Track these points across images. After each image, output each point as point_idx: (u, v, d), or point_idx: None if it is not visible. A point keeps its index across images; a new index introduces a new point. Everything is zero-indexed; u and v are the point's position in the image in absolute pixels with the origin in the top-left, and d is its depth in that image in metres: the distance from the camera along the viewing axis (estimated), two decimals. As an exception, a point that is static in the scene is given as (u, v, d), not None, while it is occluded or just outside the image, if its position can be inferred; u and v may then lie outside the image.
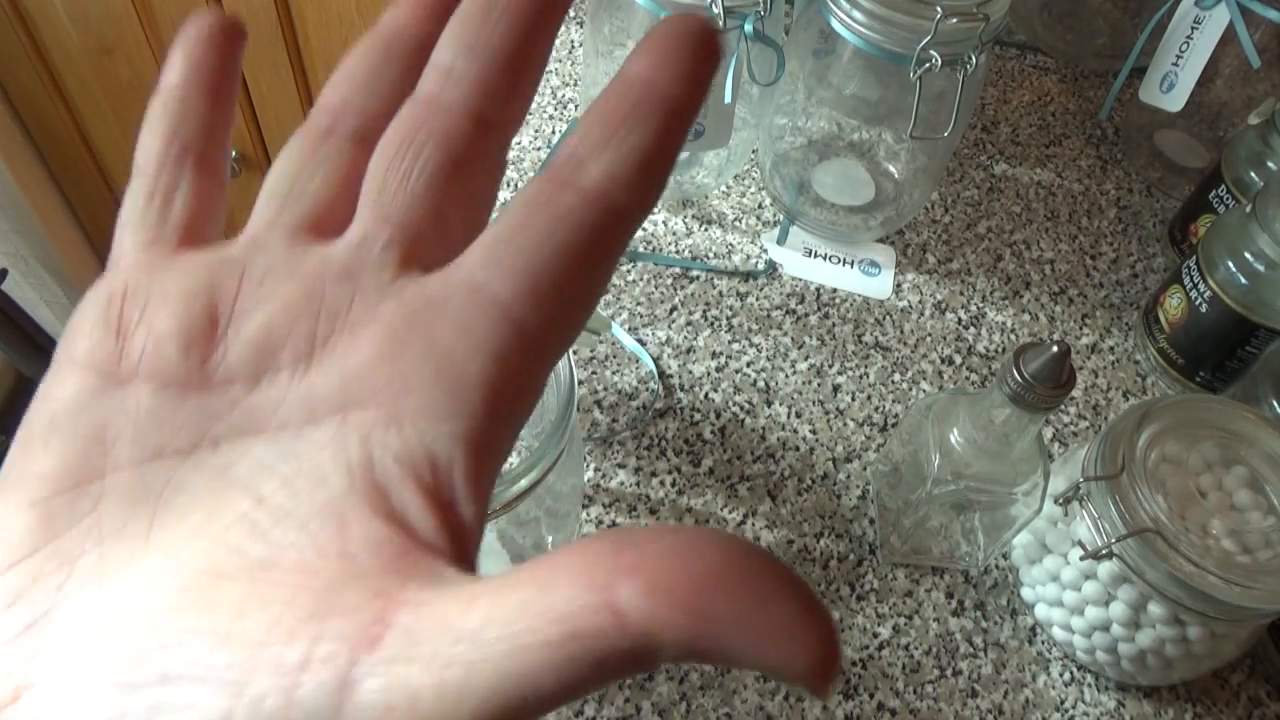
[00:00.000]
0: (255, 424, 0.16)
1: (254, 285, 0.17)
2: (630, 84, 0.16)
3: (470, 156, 0.17)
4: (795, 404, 0.57)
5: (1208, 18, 0.63)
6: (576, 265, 0.16)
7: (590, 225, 0.16)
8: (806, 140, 0.68)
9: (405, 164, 0.17)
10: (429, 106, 0.17)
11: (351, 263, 0.17)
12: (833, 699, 0.48)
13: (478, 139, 0.17)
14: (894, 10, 0.51)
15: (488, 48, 0.17)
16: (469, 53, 0.17)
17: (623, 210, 0.16)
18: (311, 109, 0.19)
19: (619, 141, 0.16)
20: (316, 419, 0.15)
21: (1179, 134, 0.73)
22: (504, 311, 0.15)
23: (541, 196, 0.16)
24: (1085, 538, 0.45)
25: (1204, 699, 0.50)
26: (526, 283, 0.15)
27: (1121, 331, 0.64)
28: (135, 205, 0.18)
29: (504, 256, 0.16)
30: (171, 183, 0.18)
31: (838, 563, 0.52)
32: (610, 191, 0.16)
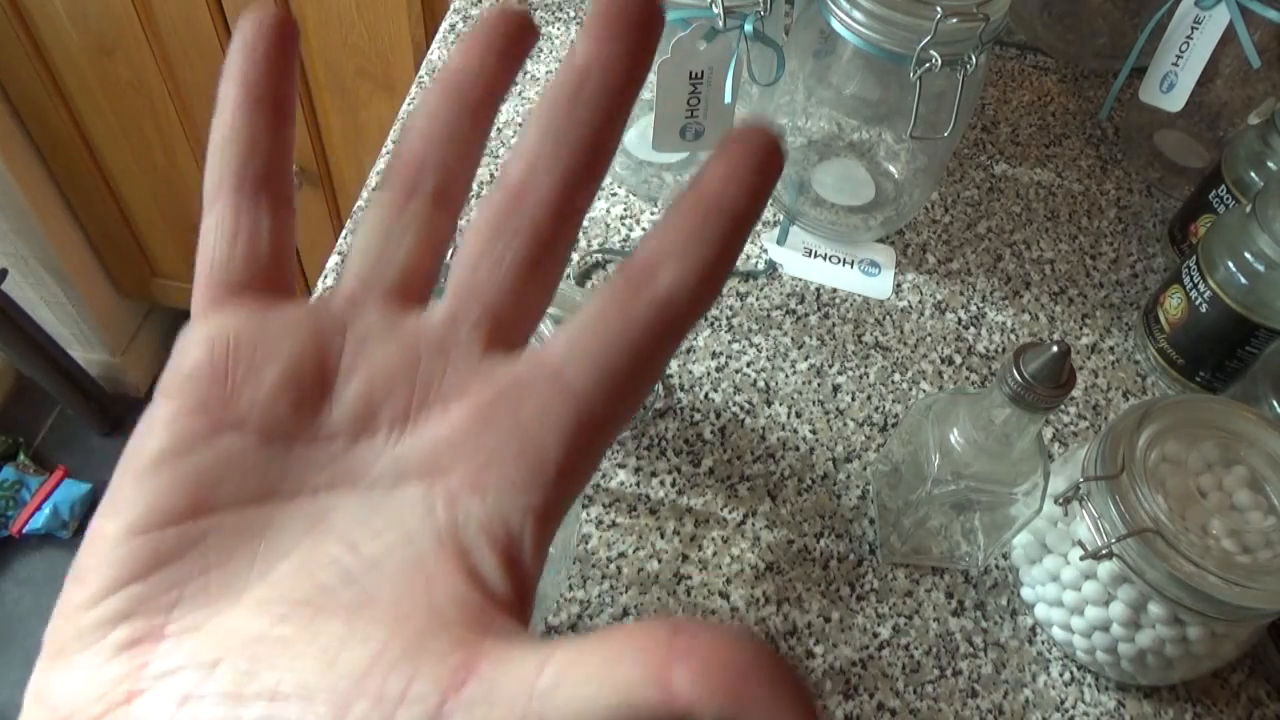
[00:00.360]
0: (351, 478, 0.18)
1: (356, 346, 0.19)
2: (702, 195, 0.18)
3: (553, 244, 0.19)
4: (795, 404, 0.57)
5: (1208, 18, 0.63)
6: (642, 363, 0.18)
7: (657, 329, 0.18)
8: (806, 140, 0.68)
9: (497, 253, 0.19)
10: (519, 198, 0.19)
11: (444, 338, 0.19)
12: (833, 699, 0.48)
13: (561, 226, 0.19)
14: (894, 10, 0.51)
15: (572, 137, 0.19)
16: (555, 143, 0.19)
17: (686, 315, 0.18)
18: (391, 158, 0.20)
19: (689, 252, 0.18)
20: (406, 480, 0.17)
21: (1179, 134, 0.73)
22: (578, 400, 0.17)
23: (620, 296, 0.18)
24: (1085, 538, 0.45)
25: (1204, 699, 0.50)
26: (600, 376, 0.18)
27: (1121, 331, 0.64)
28: (220, 245, 0.19)
29: (583, 350, 0.18)
30: (253, 221, 0.19)
31: (838, 563, 0.52)
32: (677, 299, 0.18)
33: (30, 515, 1.46)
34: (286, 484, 0.18)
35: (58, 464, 1.52)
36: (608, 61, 0.19)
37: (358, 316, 0.19)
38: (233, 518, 0.17)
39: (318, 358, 0.18)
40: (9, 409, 1.61)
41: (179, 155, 1.26)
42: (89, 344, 1.55)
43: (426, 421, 0.18)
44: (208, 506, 0.17)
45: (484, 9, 0.75)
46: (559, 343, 0.18)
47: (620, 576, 0.50)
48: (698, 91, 0.56)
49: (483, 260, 0.19)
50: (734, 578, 0.51)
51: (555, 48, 0.74)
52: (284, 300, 0.19)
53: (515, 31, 0.21)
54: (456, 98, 0.20)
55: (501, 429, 0.17)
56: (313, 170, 1.23)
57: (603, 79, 0.19)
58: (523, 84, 0.72)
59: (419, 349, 0.19)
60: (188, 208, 1.35)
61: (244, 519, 0.17)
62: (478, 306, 0.19)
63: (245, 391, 0.18)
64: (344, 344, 0.19)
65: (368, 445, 0.18)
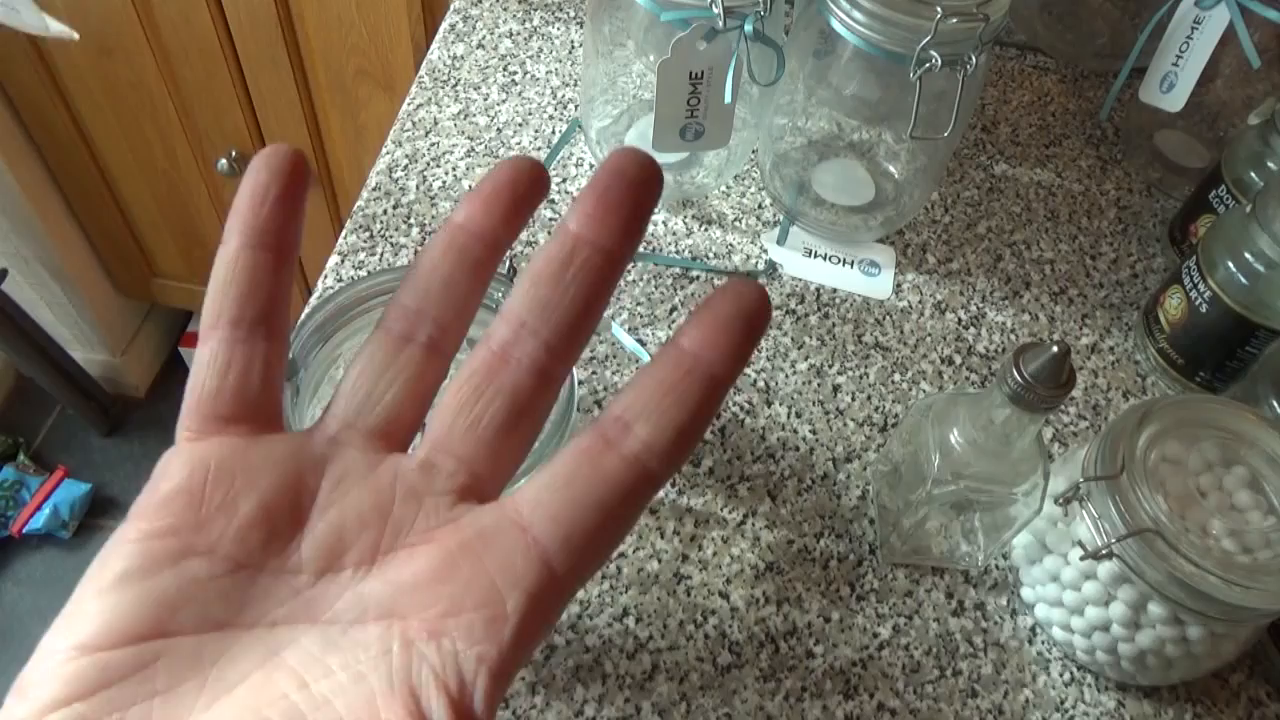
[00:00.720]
0: (311, 614, 0.18)
1: (331, 485, 0.19)
2: (681, 355, 0.19)
3: (531, 407, 0.20)
4: (795, 404, 0.57)
5: (1208, 18, 0.62)
6: (609, 522, 0.18)
7: (625, 488, 0.18)
8: (806, 140, 0.68)
9: (475, 412, 0.19)
10: (501, 359, 0.20)
11: (418, 485, 0.19)
12: (833, 699, 0.48)
13: (539, 391, 0.20)
14: (894, 10, 0.51)
15: (558, 309, 0.19)
16: (542, 312, 0.20)
17: (655, 477, 0.18)
18: (391, 301, 0.21)
19: (661, 412, 0.18)
20: (365, 619, 0.18)
21: (1179, 134, 0.73)
22: (542, 555, 0.18)
23: (590, 452, 0.18)
24: (1085, 538, 0.45)
25: (1204, 699, 0.50)
26: (565, 532, 0.18)
27: (1121, 331, 0.64)
28: (211, 377, 0.20)
29: (550, 505, 0.18)
30: (246, 356, 0.20)
31: (838, 563, 0.52)
32: (647, 460, 0.18)
33: (30, 515, 1.46)
34: (246, 614, 0.18)
35: (58, 464, 1.52)
36: (600, 236, 0.19)
37: (338, 455, 0.19)
38: (187, 644, 0.17)
39: (294, 493, 0.19)
40: (9, 409, 1.61)
41: (179, 155, 1.26)
42: (89, 344, 1.55)
43: (392, 564, 0.18)
44: (164, 630, 0.17)
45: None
46: (527, 495, 0.18)
47: (620, 576, 0.50)
48: (698, 91, 0.56)
49: (461, 417, 0.19)
50: (734, 578, 0.51)
51: (555, 48, 0.74)
52: (269, 431, 0.20)
53: (526, 187, 0.21)
54: (458, 254, 0.21)
55: (464, 578, 0.18)
56: (312, 170, 1.23)
57: (594, 253, 0.19)
58: (523, 84, 0.72)
59: (393, 493, 0.19)
60: (188, 208, 1.35)
61: (198, 646, 0.17)
62: (453, 461, 0.19)
63: (219, 520, 0.18)
64: (321, 482, 0.19)
65: (332, 582, 0.18)
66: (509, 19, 0.76)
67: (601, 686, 0.47)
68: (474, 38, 0.75)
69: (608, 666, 0.47)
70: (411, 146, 0.67)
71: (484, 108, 0.70)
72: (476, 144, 0.68)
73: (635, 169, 0.20)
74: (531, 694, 0.46)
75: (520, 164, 0.21)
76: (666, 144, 0.59)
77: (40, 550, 1.49)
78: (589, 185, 0.20)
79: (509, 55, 0.74)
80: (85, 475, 1.53)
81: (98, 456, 1.58)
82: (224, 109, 1.17)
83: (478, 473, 0.19)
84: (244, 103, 1.15)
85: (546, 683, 0.46)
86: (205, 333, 0.20)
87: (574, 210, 0.20)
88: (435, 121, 0.69)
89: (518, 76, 0.72)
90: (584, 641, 0.48)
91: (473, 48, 0.74)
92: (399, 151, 0.67)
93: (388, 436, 0.20)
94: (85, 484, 1.51)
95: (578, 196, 0.20)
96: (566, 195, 0.66)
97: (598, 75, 0.66)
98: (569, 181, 0.66)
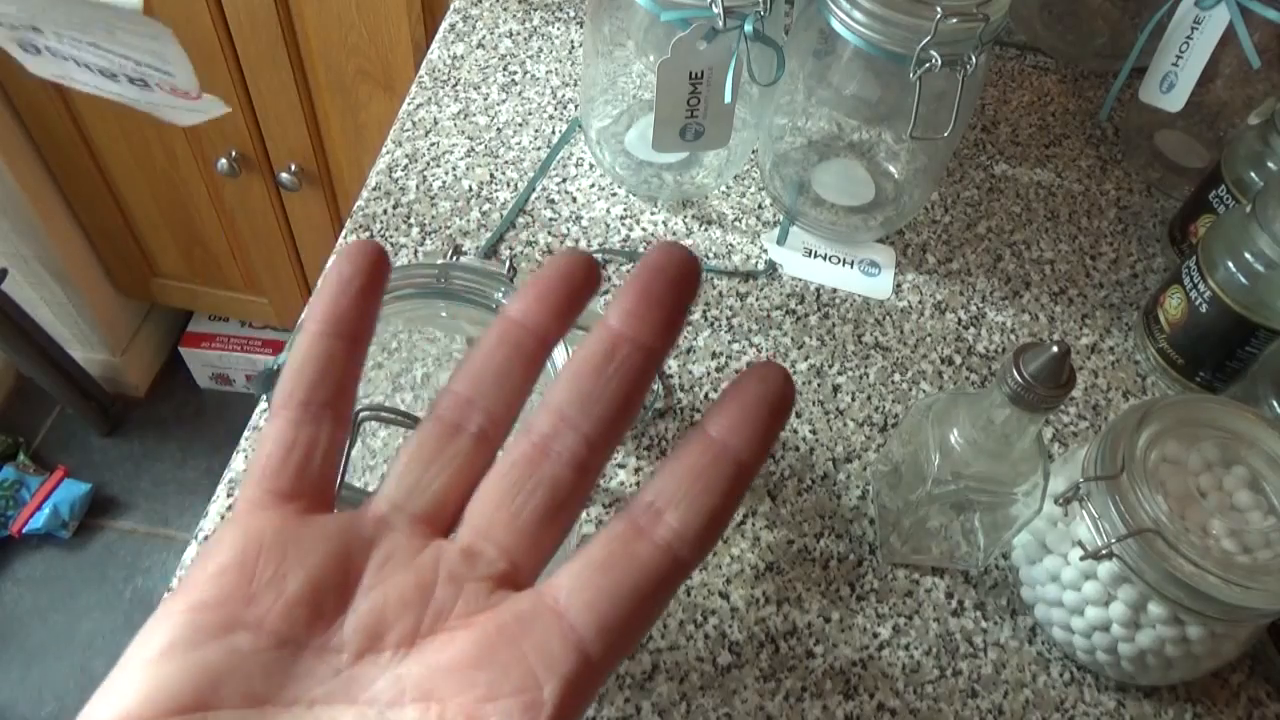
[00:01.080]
0: (349, 694, 0.18)
1: (377, 566, 0.20)
2: (709, 443, 0.19)
3: (570, 499, 0.20)
4: (795, 404, 0.57)
5: (1208, 18, 0.62)
6: (643, 606, 0.19)
7: (658, 575, 0.19)
8: (806, 140, 0.68)
9: (517, 503, 0.20)
10: (543, 452, 0.20)
11: (459, 570, 0.20)
12: (833, 699, 0.48)
13: (578, 483, 0.20)
14: (894, 10, 0.51)
15: (599, 403, 0.20)
16: (582, 405, 0.20)
17: (686, 564, 0.19)
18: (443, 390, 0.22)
19: (692, 499, 0.19)
20: (402, 702, 0.18)
21: (1179, 134, 0.73)
22: (579, 642, 0.18)
23: (623, 539, 0.19)
24: (1085, 538, 0.45)
25: (1204, 699, 0.50)
26: (600, 620, 0.18)
27: (1121, 331, 0.64)
28: (275, 453, 0.21)
29: (586, 593, 0.19)
30: (312, 437, 0.21)
31: (838, 563, 0.52)
32: (679, 548, 0.19)
33: (30, 515, 1.46)
34: (287, 691, 0.18)
35: (58, 464, 1.52)
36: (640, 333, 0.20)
37: (384, 538, 0.20)
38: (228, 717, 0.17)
39: (342, 572, 0.19)
40: (9, 409, 1.61)
41: (179, 155, 1.26)
42: (89, 344, 1.55)
43: (430, 647, 0.19)
44: (206, 703, 0.17)
45: (554, 258, 0.74)
46: (563, 582, 0.19)
47: (620, 576, 0.50)
48: (698, 91, 0.56)
49: (502, 509, 0.20)
50: (734, 578, 0.51)
51: (555, 48, 0.74)
52: (322, 511, 0.20)
53: (581, 283, 0.22)
54: (512, 348, 0.21)
55: (501, 663, 0.18)
56: (313, 170, 1.23)
57: (634, 350, 0.20)
58: (523, 84, 0.72)
59: (435, 577, 0.19)
60: (188, 208, 1.35)
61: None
62: (494, 549, 0.20)
63: (268, 595, 0.19)
64: (368, 563, 0.19)
65: (372, 663, 0.18)
66: (509, 19, 0.76)
67: (601, 686, 0.46)
68: (474, 38, 0.75)
69: (608, 666, 0.47)
70: (411, 146, 0.67)
71: (484, 108, 0.70)
72: (476, 144, 0.68)
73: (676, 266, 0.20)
74: (531, 694, 0.46)
75: (575, 260, 0.22)
76: (666, 144, 0.59)
77: (40, 550, 1.49)
78: (631, 280, 0.21)
79: (509, 55, 0.74)
80: (85, 475, 1.53)
81: (97, 456, 1.58)
82: (224, 109, 1.16)
83: (516, 561, 0.20)
84: (244, 103, 1.15)
85: (546, 683, 0.46)
86: (276, 410, 0.21)
87: (615, 305, 0.20)
88: (435, 121, 0.69)
89: (518, 76, 0.72)
90: (584, 641, 0.48)
91: (473, 48, 0.74)
92: (399, 151, 0.67)
93: (433, 521, 0.21)
94: (85, 484, 1.51)
95: (620, 290, 0.21)
96: (567, 195, 0.66)
97: (598, 75, 0.66)
98: (569, 181, 0.66)
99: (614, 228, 0.64)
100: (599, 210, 0.65)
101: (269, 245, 1.38)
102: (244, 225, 1.36)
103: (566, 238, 0.63)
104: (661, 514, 0.19)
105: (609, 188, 0.66)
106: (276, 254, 1.39)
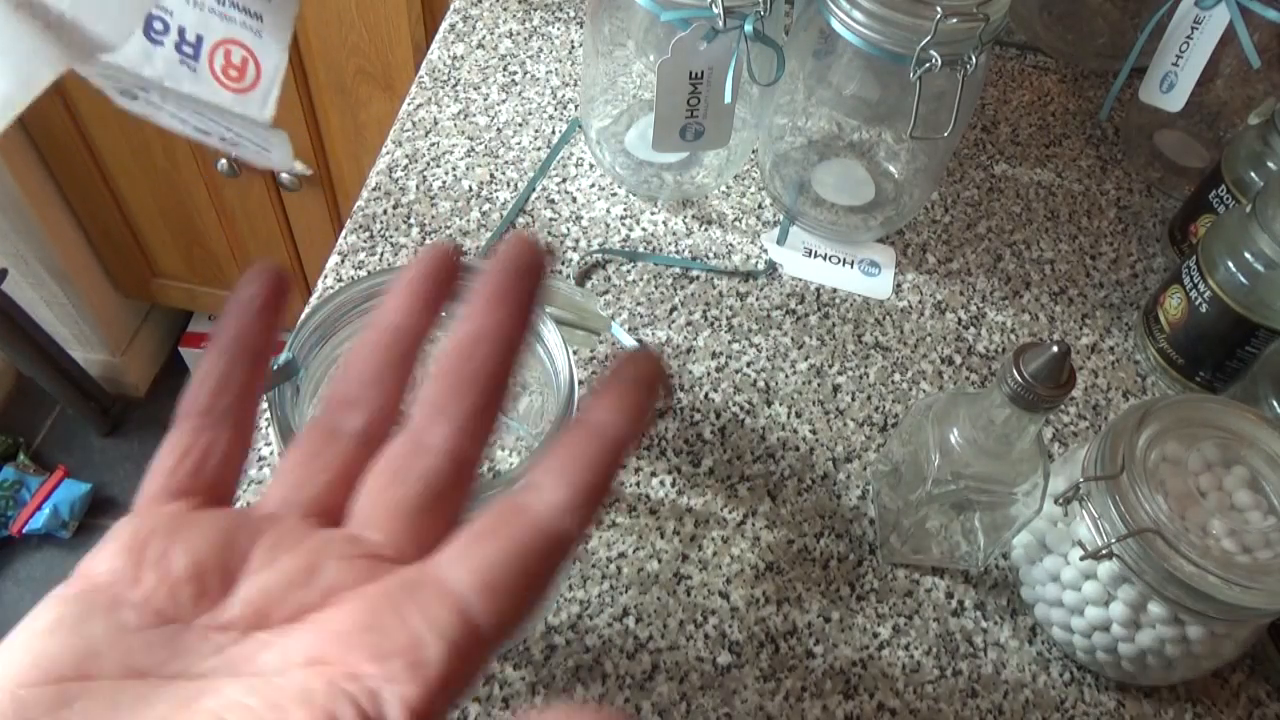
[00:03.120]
0: (236, 668, 0.18)
1: (264, 550, 0.20)
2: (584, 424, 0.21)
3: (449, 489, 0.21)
4: (795, 404, 0.57)
5: (1208, 18, 0.62)
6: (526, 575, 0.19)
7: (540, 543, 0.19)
8: (806, 140, 0.68)
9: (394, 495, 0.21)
10: (416, 444, 0.21)
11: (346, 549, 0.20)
12: (833, 699, 0.48)
13: (455, 473, 0.21)
14: (894, 10, 0.51)
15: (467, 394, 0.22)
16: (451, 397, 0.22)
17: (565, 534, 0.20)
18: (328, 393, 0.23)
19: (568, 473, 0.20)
20: (289, 669, 0.18)
21: (1179, 134, 0.73)
22: (463, 607, 0.19)
23: (503, 513, 0.20)
24: (1085, 538, 0.45)
25: (1204, 699, 0.50)
26: (484, 585, 0.19)
27: (1121, 331, 0.64)
28: (172, 457, 0.22)
29: (468, 560, 0.19)
30: (208, 443, 0.22)
31: (838, 563, 0.52)
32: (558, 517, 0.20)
33: (30, 515, 1.46)
34: (170, 666, 0.18)
35: (58, 464, 1.52)
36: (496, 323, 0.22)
37: (273, 526, 0.21)
38: (107, 687, 0.18)
39: (227, 555, 0.20)
40: (9, 409, 1.61)
41: (179, 155, 1.26)
42: (89, 344, 1.55)
43: (318, 619, 0.19)
44: (85, 673, 0.18)
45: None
46: (447, 553, 0.20)
47: (620, 576, 0.50)
48: (698, 91, 0.56)
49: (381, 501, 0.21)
50: (734, 578, 0.51)
51: (555, 48, 0.74)
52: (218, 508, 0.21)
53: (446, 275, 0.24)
54: (385, 349, 0.23)
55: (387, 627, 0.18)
56: (313, 170, 1.23)
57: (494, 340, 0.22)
58: (523, 84, 0.72)
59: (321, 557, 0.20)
60: (188, 208, 1.35)
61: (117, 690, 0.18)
62: (379, 535, 0.21)
63: (152, 574, 0.19)
64: (254, 549, 0.20)
65: (259, 639, 0.19)
66: (509, 19, 0.76)
67: (601, 686, 0.47)
68: (474, 38, 0.75)
69: (608, 666, 0.47)
70: (411, 146, 0.67)
71: (484, 108, 0.70)
72: (476, 144, 0.68)
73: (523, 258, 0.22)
74: (532, 694, 0.46)
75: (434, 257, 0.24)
76: (666, 144, 0.59)
77: (40, 550, 1.49)
78: (485, 275, 0.23)
79: (509, 55, 0.74)
80: (85, 475, 1.53)
81: (97, 456, 1.58)
82: (224, 109, 1.16)
83: (400, 547, 0.21)
84: (244, 103, 1.15)
85: (546, 683, 0.46)
86: (179, 420, 0.22)
87: (471, 302, 0.22)
88: (435, 121, 0.69)
89: (518, 76, 0.72)
90: (584, 641, 0.48)
91: (473, 48, 0.74)
92: (399, 151, 0.67)
93: (320, 515, 0.21)
94: (85, 484, 1.51)
95: (476, 287, 0.23)
96: (567, 195, 0.66)
97: (598, 75, 0.66)
98: (569, 181, 0.66)
99: (614, 228, 0.64)
100: (599, 210, 0.65)
101: (269, 245, 1.38)
102: (244, 225, 1.36)
103: (566, 238, 0.63)
104: (540, 488, 0.20)
105: (609, 188, 0.66)
106: (276, 254, 1.39)
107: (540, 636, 0.48)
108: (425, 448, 0.21)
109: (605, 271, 0.62)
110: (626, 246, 0.63)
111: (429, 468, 0.21)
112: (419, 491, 0.21)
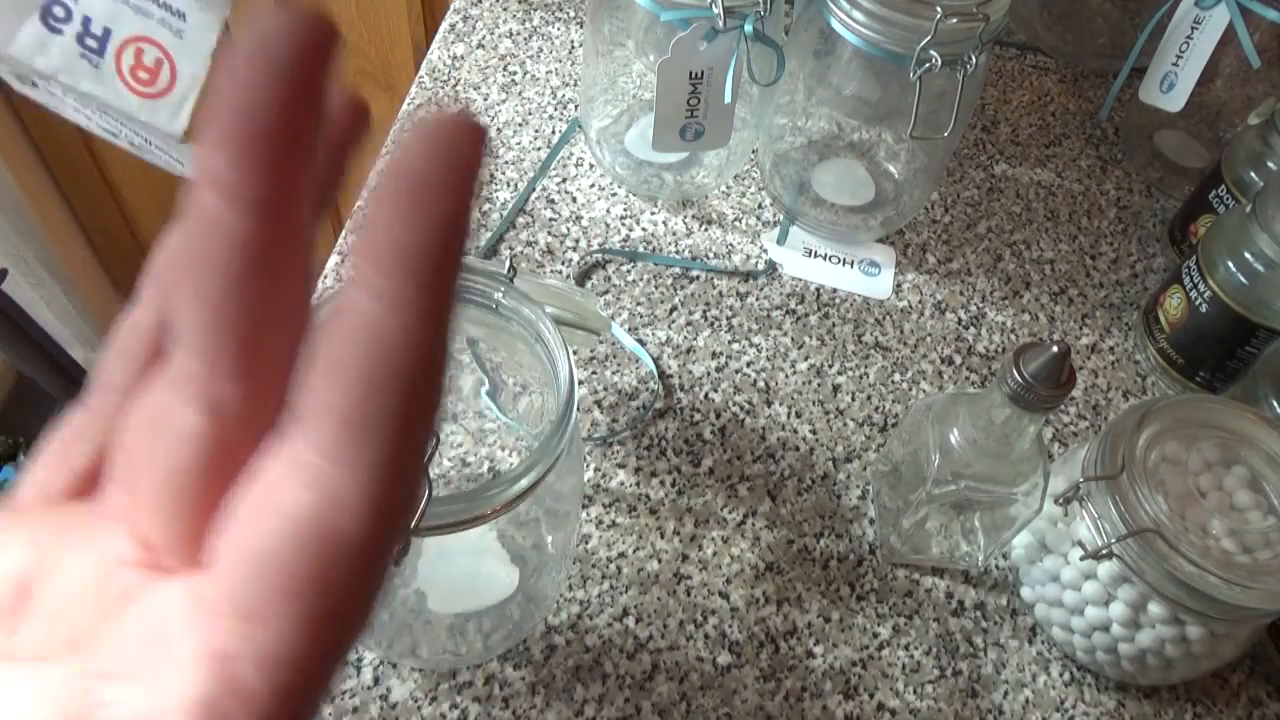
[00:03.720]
0: None
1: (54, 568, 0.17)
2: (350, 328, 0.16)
3: (216, 456, 0.16)
4: (795, 404, 0.57)
5: (1208, 18, 0.63)
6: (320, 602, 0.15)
7: (340, 568, 0.15)
8: (806, 140, 0.68)
9: (150, 480, 0.17)
10: (165, 410, 0.16)
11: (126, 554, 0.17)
12: (833, 699, 0.48)
13: (214, 431, 0.16)
14: (894, 10, 0.51)
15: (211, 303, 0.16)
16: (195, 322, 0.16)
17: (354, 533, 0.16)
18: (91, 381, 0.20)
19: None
20: (51, 659, 0.16)
21: (1179, 134, 0.73)
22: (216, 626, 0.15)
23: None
24: (1085, 538, 0.45)
25: (1204, 699, 0.50)
26: (251, 611, 0.15)
27: (1121, 331, 0.64)
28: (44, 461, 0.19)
29: (241, 569, 0.15)
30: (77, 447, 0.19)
31: (838, 563, 0.52)
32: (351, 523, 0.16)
33: (30, 515, 1.45)
34: None
35: (58, 464, 1.52)
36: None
37: (44, 522, 0.18)
38: None
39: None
40: (9, 409, 1.61)
41: (179, 155, 1.26)
42: (89, 344, 1.55)
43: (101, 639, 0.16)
44: None
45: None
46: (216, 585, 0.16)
47: (620, 576, 0.50)
48: (698, 91, 0.56)
49: (141, 484, 0.17)
50: (734, 578, 0.51)
51: (555, 48, 0.74)
52: None
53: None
54: (127, 335, 0.19)
55: (145, 640, 0.15)
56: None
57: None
58: (523, 84, 0.72)
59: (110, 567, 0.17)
60: (188, 208, 1.35)
61: None
62: (154, 522, 0.17)
63: None
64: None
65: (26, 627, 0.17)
66: (509, 19, 0.76)
67: (601, 686, 0.47)
68: (474, 38, 0.75)
69: (608, 666, 0.47)
70: (411, 146, 0.67)
71: (484, 108, 0.70)
72: (476, 144, 0.68)
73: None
74: (531, 694, 0.46)
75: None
76: (666, 144, 0.59)
77: (40, 550, 1.49)
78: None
79: (509, 55, 0.74)
80: (85, 475, 1.53)
81: (98, 456, 1.58)
82: (224, 109, 1.16)
83: (178, 539, 0.17)
84: (244, 103, 1.15)
85: (546, 683, 0.46)
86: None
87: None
88: (435, 121, 0.69)
89: (518, 76, 0.72)
90: (584, 641, 0.48)
91: (473, 48, 0.74)
92: (399, 151, 0.67)
93: (76, 493, 0.19)
94: (85, 484, 1.51)
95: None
96: (567, 195, 0.66)
97: (598, 75, 0.66)
98: (569, 181, 0.66)
99: (614, 228, 0.64)
100: (599, 210, 0.65)
101: (269, 245, 1.38)
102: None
103: (566, 238, 0.63)
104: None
105: (609, 188, 0.66)
106: (276, 254, 1.39)
107: (540, 636, 0.48)
108: (172, 409, 0.16)
109: (605, 271, 0.62)
110: (626, 246, 0.63)
111: (182, 428, 0.16)
112: (171, 466, 0.16)
